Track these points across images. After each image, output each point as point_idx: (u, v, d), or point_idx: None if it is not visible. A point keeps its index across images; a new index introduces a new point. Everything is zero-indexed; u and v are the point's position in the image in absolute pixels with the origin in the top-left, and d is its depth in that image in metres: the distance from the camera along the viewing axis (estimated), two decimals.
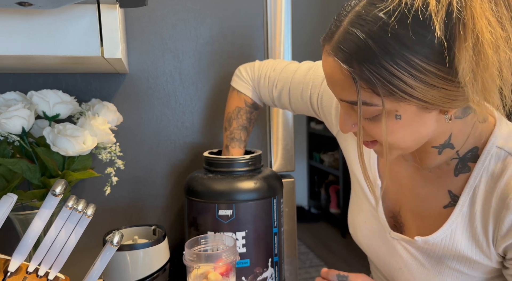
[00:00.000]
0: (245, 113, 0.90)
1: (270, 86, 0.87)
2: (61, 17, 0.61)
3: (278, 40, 1.06)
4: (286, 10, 1.06)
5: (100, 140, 0.80)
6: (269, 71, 0.87)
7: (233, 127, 0.89)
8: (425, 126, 0.56)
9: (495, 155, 0.59)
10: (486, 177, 0.60)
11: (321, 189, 3.85)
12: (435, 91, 0.51)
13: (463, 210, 0.62)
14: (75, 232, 0.62)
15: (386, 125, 0.55)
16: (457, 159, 0.63)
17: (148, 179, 1.04)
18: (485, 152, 0.60)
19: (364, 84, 0.52)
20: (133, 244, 0.80)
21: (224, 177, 0.82)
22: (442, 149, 0.63)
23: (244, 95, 0.90)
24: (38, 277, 0.61)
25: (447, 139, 0.62)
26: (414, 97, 0.51)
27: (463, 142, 0.62)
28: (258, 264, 0.83)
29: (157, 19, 0.99)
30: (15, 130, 0.74)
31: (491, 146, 0.60)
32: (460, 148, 0.62)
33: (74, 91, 0.96)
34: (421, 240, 0.65)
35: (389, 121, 0.55)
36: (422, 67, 0.49)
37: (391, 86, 0.50)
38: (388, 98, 0.52)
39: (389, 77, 0.50)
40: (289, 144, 1.11)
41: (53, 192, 0.58)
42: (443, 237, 0.64)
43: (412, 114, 0.54)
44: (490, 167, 0.60)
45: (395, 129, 0.56)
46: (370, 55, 0.50)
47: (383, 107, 0.53)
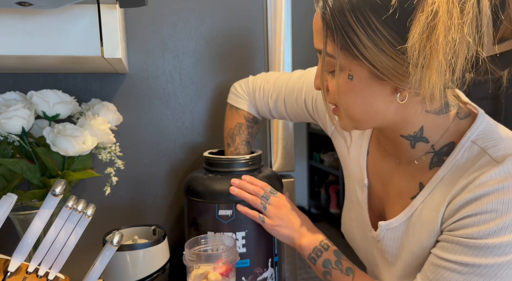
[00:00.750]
0: (246, 128, 0.91)
1: (265, 97, 0.89)
2: (61, 17, 0.61)
3: (278, 40, 1.06)
4: (286, 10, 1.06)
5: (100, 140, 0.80)
6: (263, 83, 0.90)
7: (237, 143, 0.90)
8: (377, 100, 0.57)
9: (469, 149, 0.59)
10: (454, 168, 0.60)
11: (321, 189, 3.85)
12: (384, 58, 0.52)
13: (425, 196, 0.62)
14: (75, 232, 0.62)
15: (340, 83, 0.57)
16: (433, 153, 0.63)
17: (148, 179, 1.04)
18: (459, 145, 0.60)
19: (329, 32, 0.55)
20: (133, 244, 0.80)
21: (224, 177, 0.82)
22: (414, 142, 0.63)
23: (242, 111, 0.91)
24: (38, 277, 0.61)
25: (417, 131, 0.62)
26: (365, 58, 0.53)
27: (439, 136, 0.62)
28: (258, 264, 0.83)
29: (157, 19, 0.99)
30: (15, 130, 0.73)
31: (465, 140, 0.60)
32: (436, 143, 0.62)
33: (74, 91, 0.96)
34: (384, 224, 0.67)
35: (342, 79, 0.57)
36: (377, 28, 0.51)
37: (348, 39, 0.53)
38: (344, 52, 0.55)
39: (347, 29, 0.52)
40: (289, 144, 1.11)
41: (53, 192, 0.58)
42: (402, 221, 0.65)
43: (364, 79, 0.56)
44: (461, 160, 0.59)
45: (347, 90, 0.57)
46: (339, 5, 0.53)
47: (337, 60, 0.55)
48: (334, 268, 0.74)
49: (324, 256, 0.76)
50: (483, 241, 0.54)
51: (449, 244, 0.58)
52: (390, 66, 0.52)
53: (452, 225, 0.57)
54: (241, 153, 0.90)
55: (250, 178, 0.81)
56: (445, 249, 0.58)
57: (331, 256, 0.75)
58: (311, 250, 0.77)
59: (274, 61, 1.07)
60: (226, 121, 0.93)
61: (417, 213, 0.63)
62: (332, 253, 0.76)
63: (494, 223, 0.53)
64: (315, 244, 0.77)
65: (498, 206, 0.53)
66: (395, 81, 0.54)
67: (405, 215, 0.65)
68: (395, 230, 0.67)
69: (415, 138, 0.63)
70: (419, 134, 0.62)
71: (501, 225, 0.53)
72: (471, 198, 0.55)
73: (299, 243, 0.78)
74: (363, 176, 0.74)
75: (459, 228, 0.56)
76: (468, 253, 0.55)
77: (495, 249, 0.53)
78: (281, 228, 0.79)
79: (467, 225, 0.55)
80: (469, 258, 0.55)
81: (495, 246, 0.53)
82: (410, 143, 0.64)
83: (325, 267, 0.75)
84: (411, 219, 0.64)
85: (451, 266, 0.57)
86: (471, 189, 0.55)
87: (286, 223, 0.79)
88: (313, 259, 0.76)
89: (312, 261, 0.76)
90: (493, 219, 0.53)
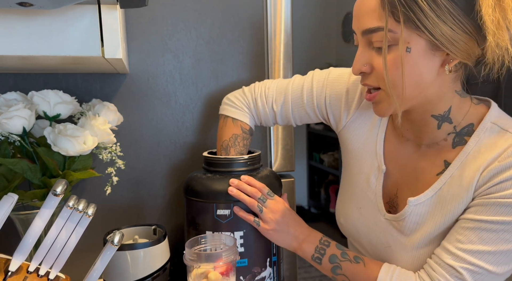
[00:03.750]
0: (242, 140, 0.89)
1: (269, 103, 0.88)
2: (62, 18, 0.61)
3: (278, 40, 1.06)
4: (286, 10, 1.06)
5: (101, 140, 0.80)
6: (263, 90, 0.89)
7: (231, 155, 0.87)
8: (428, 70, 0.63)
9: (489, 129, 0.66)
10: (479, 146, 0.66)
11: (321, 189, 3.85)
12: (444, 27, 0.59)
13: (453, 171, 0.68)
14: (75, 231, 0.62)
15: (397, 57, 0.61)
16: (454, 133, 0.69)
17: (148, 179, 1.04)
18: (481, 126, 0.67)
19: (389, 7, 0.60)
20: (133, 244, 0.80)
21: (223, 177, 0.83)
22: (441, 122, 0.69)
23: (240, 122, 0.89)
24: (39, 277, 0.61)
25: (446, 111, 0.68)
26: (426, 28, 0.59)
27: (461, 118, 0.69)
28: (256, 264, 0.83)
29: (157, 19, 0.99)
30: (16, 130, 0.74)
31: (486, 122, 0.67)
32: (458, 124, 0.69)
33: (75, 91, 0.96)
34: (414, 200, 0.71)
35: (399, 53, 0.61)
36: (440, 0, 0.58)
37: (411, 12, 0.58)
38: (406, 25, 0.60)
39: (411, 3, 0.58)
40: (289, 144, 1.11)
41: (53, 192, 0.59)
42: (430, 196, 0.69)
43: (421, 50, 0.61)
44: (484, 138, 0.66)
45: (403, 64, 0.62)
46: None
47: (401, 33, 0.60)
48: (342, 260, 0.74)
49: (328, 252, 0.76)
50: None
51: (484, 207, 0.63)
52: (450, 35, 0.59)
53: (488, 189, 0.63)
54: None
55: (249, 179, 0.81)
56: (479, 212, 0.64)
57: (335, 251, 0.76)
58: (313, 250, 0.77)
59: (274, 61, 1.07)
60: (221, 132, 0.90)
61: (446, 187, 0.68)
62: (334, 247, 0.76)
63: None
64: (316, 243, 0.77)
65: None
66: (451, 50, 0.60)
67: (434, 190, 0.69)
68: (422, 205, 0.70)
69: (443, 118, 0.69)
70: (447, 114, 0.68)
71: None
72: (506, 166, 0.62)
73: (299, 247, 0.78)
74: (380, 163, 0.77)
75: (496, 191, 0.62)
76: (504, 212, 0.62)
77: None
78: (277, 232, 0.78)
79: (504, 188, 0.62)
80: (505, 217, 0.62)
81: None
82: (438, 123, 0.69)
83: (332, 263, 0.75)
84: (440, 192, 0.69)
85: (486, 226, 0.63)
86: (504, 158, 0.62)
87: (282, 228, 0.78)
88: (318, 259, 0.76)
89: (317, 261, 0.76)
90: None
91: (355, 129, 0.81)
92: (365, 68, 0.66)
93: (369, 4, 0.63)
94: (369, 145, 0.79)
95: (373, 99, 0.68)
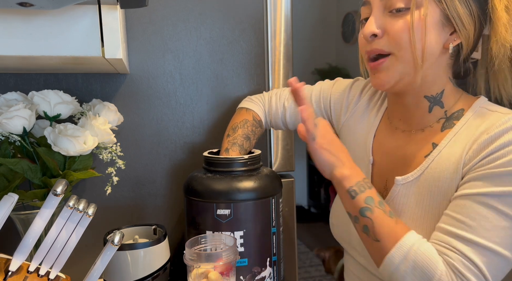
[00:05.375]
0: (251, 126, 0.92)
1: (281, 100, 0.94)
2: (62, 18, 0.61)
3: (278, 40, 1.06)
4: (286, 10, 1.06)
5: (101, 140, 0.80)
6: (279, 91, 0.96)
7: (237, 134, 0.90)
8: (436, 41, 0.66)
9: (479, 111, 0.67)
10: (467, 126, 0.67)
11: (321, 189, 3.85)
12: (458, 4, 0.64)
13: (440, 149, 0.68)
14: (76, 231, 0.62)
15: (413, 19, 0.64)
16: (445, 118, 0.70)
17: (148, 179, 1.04)
18: (470, 109, 0.68)
19: None
20: (133, 244, 0.80)
21: (222, 177, 0.83)
22: (433, 104, 0.70)
23: (253, 112, 0.93)
24: (39, 277, 0.61)
25: (439, 93, 0.70)
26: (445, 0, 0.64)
27: (453, 103, 0.70)
28: (256, 264, 0.83)
29: (157, 19, 0.99)
30: (16, 130, 0.74)
31: (475, 105, 0.68)
32: (449, 109, 0.70)
33: (75, 91, 0.96)
34: (401, 179, 0.70)
35: (416, 15, 0.64)
36: None
37: None
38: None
39: None
40: (289, 144, 1.11)
41: (54, 192, 0.59)
42: (417, 175, 0.69)
43: (435, 18, 0.65)
44: (472, 119, 0.67)
45: (417, 26, 0.64)
46: None
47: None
48: (377, 206, 0.67)
49: (367, 193, 0.68)
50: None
51: (479, 180, 0.61)
52: (461, 12, 0.64)
53: (481, 162, 0.62)
54: (237, 143, 0.88)
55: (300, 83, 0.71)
56: (475, 186, 0.61)
57: (375, 195, 0.69)
58: (354, 183, 0.69)
59: (274, 61, 1.07)
60: (233, 119, 0.93)
61: (434, 165, 0.67)
62: (375, 192, 0.70)
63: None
64: (359, 179, 0.70)
65: None
66: (458, 26, 0.65)
67: (422, 169, 0.69)
68: (410, 184, 0.69)
69: (435, 100, 0.70)
70: (439, 96, 0.70)
71: None
72: (496, 136, 0.61)
73: (341, 171, 0.70)
74: (368, 155, 0.78)
75: (489, 162, 0.61)
76: (502, 182, 0.59)
77: None
78: (327, 152, 0.70)
79: (497, 157, 0.60)
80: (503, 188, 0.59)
81: None
82: (430, 105, 0.70)
83: (367, 203, 0.68)
84: (427, 170, 0.68)
85: (484, 200, 0.60)
86: (492, 129, 0.62)
87: (331, 148, 0.71)
88: (354, 192, 0.69)
89: (351, 194, 0.69)
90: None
91: (351, 126, 0.85)
92: (378, 31, 0.67)
93: None
94: (361, 139, 0.81)
95: (379, 66, 0.69)
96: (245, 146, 0.90)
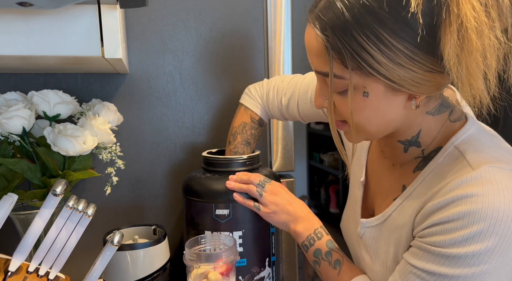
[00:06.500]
0: (249, 129, 0.92)
1: (279, 96, 0.90)
2: (62, 17, 0.61)
3: (278, 40, 1.06)
4: (286, 10, 1.06)
5: (101, 140, 0.80)
6: (277, 83, 0.92)
7: (237, 142, 0.91)
8: (392, 109, 0.56)
9: (451, 153, 0.58)
10: (435, 172, 0.59)
11: (321, 189, 3.85)
12: (401, 71, 0.51)
13: (403, 199, 0.62)
14: (75, 231, 0.62)
15: (354, 101, 0.55)
16: (421, 158, 0.63)
17: (148, 179, 1.04)
18: (443, 149, 0.59)
19: (336, 54, 0.53)
20: (133, 244, 0.80)
21: (222, 177, 0.83)
22: (408, 146, 0.63)
23: (251, 111, 0.92)
24: (39, 277, 0.61)
25: (414, 136, 0.62)
26: (380, 73, 0.51)
27: (430, 141, 0.61)
28: (255, 264, 0.83)
29: (157, 19, 0.99)
30: (16, 130, 0.74)
31: (449, 145, 0.59)
32: (426, 148, 0.62)
33: (75, 91, 0.96)
34: (365, 222, 0.69)
35: (356, 98, 0.55)
36: (391, 43, 0.49)
37: (359, 59, 0.51)
38: (356, 72, 0.53)
39: (358, 49, 0.50)
40: (289, 144, 1.11)
41: (53, 192, 0.59)
42: (380, 221, 0.66)
43: (380, 93, 0.54)
44: (442, 164, 0.58)
45: (362, 107, 0.56)
46: (343, 25, 0.50)
47: (350, 81, 0.53)
48: (323, 259, 0.74)
49: (316, 245, 0.75)
50: (449, 250, 0.52)
51: (418, 250, 0.56)
52: (408, 77, 0.52)
53: (423, 231, 0.56)
54: (239, 152, 0.90)
55: (243, 173, 0.83)
56: (414, 254, 0.57)
57: (322, 246, 0.75)
58: (305, 237, 0.76)
59: (274, 62, 1.07)
60: (233, 119, 0.94)
61: (395, 215, 0.63)
62: (324, 243, 0.75)
63: (460, 232, 0.51)
64: (309, 232, 0.77)
65: (466, 215, 0.51)
66: (413, 90, 0.53)
67: (384, 216, 0.65)
68: (374, 229, 0.67)
69: (410, 143, 0.63)
70: (415, 138, 0.62)
71: (467, 235, 0.51)
72: (441, 205, 0.54)
73: (294, 228, 0.78)
74: (361, 174, 0.75)
75: (428, 235, 0.55)
76: (435, 261, 0.54)
77: (460, 259, 0.52)
78: (277, 214, 0.79)
79: (435, 232, 0.54)
80: (436, 267, 0.54)
81: (461, 256, 0.52)
82: (404, 147, 0.64)
83: (315, 257, 0.75)
84: (388, 219, 0.64)
85: (420, 274, 0.55)
86: (442, 194, 0.54)
87: (282, 209, 0.79)
88: (306, 247, 0.76)
89: (304, 248, 0.77)
90: (460, 229, 0.51)
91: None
92: (327, 104, 0.60)
93: (314, 45, 0.56)
94: (357, 153, 0.78)
95: (341, 128, 0.63)
96: (245, 152, 0.91)
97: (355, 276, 0.71)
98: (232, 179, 0.82)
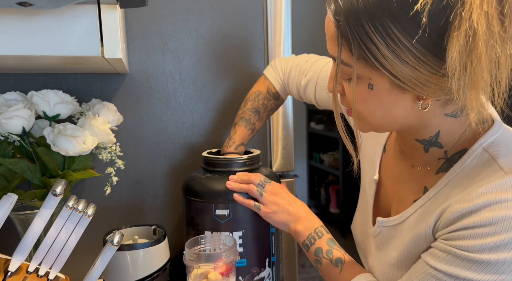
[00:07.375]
0: (262, 99, 0.92)
1: (300, 75, 0.90)
2: (62, 17, 0.61)
3: (278, 40, 1.06)
4: (286, 10, 1.06)
5: (101, 140, 0.80)
6: (301, 62, 0.91)
7: (246, 108, 0.92)
8: (398, 108, 0.55)
9: (479, 156, 0.56)
10: (461, 175, 0.57)
11: (321, 189, 3.85)
12: (406, 69, 0.50)
13: (425, 200, 0.61)
14: (75, 232, 0.62)
15: (358, 91, 0.55)
16: (445, 159, 0.60)
17: (148, 179, 1.04)
18: (470, 151, 0.57)
19: (345, 41, 0.52)
20: (133, 244, 0.80)
21: (221, 177, 0.83)
22: (428, 146, 0.61)
23: (269, 82, 0.93)
24: (39, 277, 0.61)
25: (433, 136, 0.60)
26: (385, 68, 0.50)
27: (454, 143, 0.59)
28: (255, 264, 0.83)
29: (157, 19, 0.99)
30: (16, 130, 0.74)
31: (477, 147, 0.57)
32: (449, 149, 0.60)
33: (75, 91, 0.96)
34: (382, 220, 0.68)
35: (361, 88, 0.55)
36: (398, 39, 0.48)
37: (366, 49, 0.50)
38: (362, 62, 0.52)
39: (365, 39, 0.50)
40: (289, 144, 1.11)
41: (53, 192, 0.59)
42: (399, 222, 0.64)
43: (385, 89, 0.54)
44: (469, 167, 0.56)
45: (366, 98, 0.55)
46: (355, 12, 0.50)
47: (354, 70, 0.53)
48: (324, 257, 0.74)
49: (317, 244, 0.75)
50: (478, 256, 0.51)
51: (441, 252, 0.55)
52: (413, 77, 0.50)
53: (449, 234, 0.54)
54: (245, 118, 0.91)
55: (244, 173, 0.84)
56: (436, 257, 0.55)
57: (323, 245, 0.75)
58: (305, 237, 0.77)
59: None
60: (252, 88, 0.95)
61: (415, 216, 0.62)
62: (325, 241, 0.75)
63: (492, 238, 0.50)
64: (310, 231, 0.77)
65: (499, 221, 0.50)
66: (418, 91, 0.52)
67: (403, 216, 0.64)
68: (391, 229, 0.67)
69: (429, 143, 0.61)
70: (434, 139, 0.60)
71: (500, 242, 0.50)
72: (471, 209, 0.52)
73: (294, 228, 0.78)
74: (374, 172, 0.74)
75: (455, 238, 0.53)
76: (460, 265, 0.52)
77: (489, 265, 0.50)
78: (277, 214, 0.79)
79: (463, 236, 0.52)
80: (461, 271, 0.52)
81: (490, 263, 0.50)
82: (424, 147, 0.62)
83: (316, 255, 0.75)
84: (407, 220, 0.63)
85: (440, 276, 0.54)
86: (471, 198, 0.52)
87: (282, 209, 0.79)
88: (307, 246, 0.76)
89: (305, 247, 0.77)
90: (491, 235, 0.50)
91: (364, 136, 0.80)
92: (339, 89, 0.60)
93: (328, 28, 0.55)
94: (370, 151, 0.77)
95: (350, 115, 0.63)
96: (252, 120, 0.92)
97: (357, 274, 0.70)
98: (232, 179, 0.82)
